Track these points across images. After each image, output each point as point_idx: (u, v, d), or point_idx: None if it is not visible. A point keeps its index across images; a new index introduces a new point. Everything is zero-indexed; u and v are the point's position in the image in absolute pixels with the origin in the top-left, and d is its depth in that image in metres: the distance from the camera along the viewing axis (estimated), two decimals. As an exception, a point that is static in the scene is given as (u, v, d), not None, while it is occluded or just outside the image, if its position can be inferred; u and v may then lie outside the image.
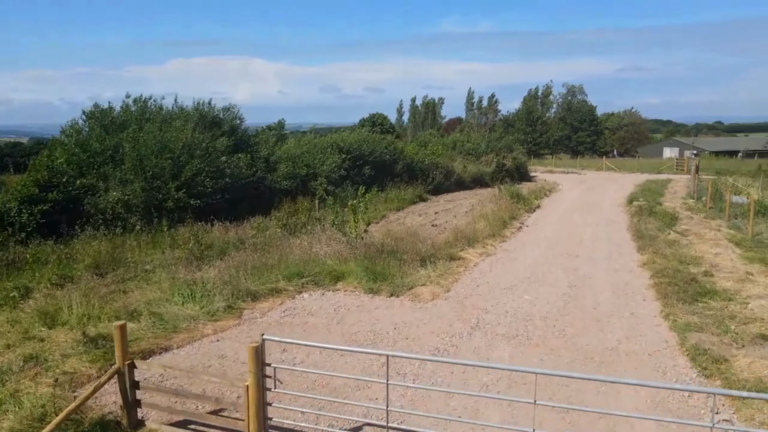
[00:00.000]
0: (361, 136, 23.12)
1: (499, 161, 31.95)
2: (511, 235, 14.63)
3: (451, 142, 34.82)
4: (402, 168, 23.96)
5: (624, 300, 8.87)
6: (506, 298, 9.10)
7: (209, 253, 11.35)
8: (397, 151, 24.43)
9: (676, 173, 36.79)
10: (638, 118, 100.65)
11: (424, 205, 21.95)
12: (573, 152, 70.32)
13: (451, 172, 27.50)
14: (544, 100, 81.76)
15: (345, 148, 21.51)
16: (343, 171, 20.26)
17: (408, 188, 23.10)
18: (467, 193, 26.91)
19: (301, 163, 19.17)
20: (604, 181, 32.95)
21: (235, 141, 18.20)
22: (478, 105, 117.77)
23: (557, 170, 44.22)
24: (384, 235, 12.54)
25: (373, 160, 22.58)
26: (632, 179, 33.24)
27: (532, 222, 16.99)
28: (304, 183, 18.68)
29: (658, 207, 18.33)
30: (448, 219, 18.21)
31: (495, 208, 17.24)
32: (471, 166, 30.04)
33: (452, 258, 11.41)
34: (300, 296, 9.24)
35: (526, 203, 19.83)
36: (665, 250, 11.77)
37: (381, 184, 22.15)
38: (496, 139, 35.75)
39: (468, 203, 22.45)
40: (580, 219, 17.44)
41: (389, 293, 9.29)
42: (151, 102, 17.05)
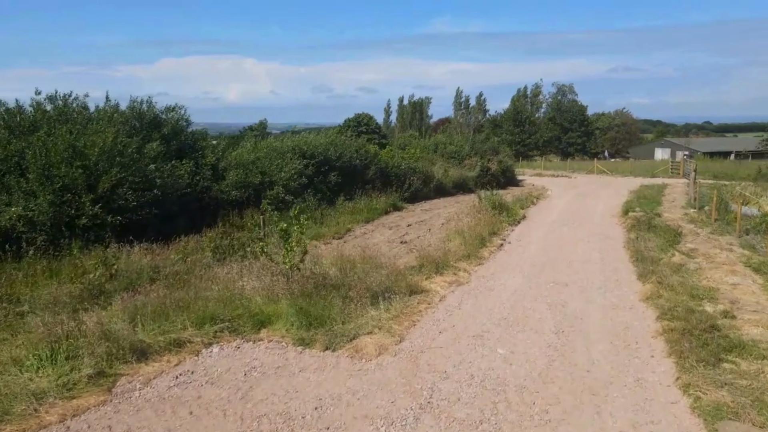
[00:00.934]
0: (327, 138, 21.09)
1: (483, 165, 30.07)
2: (489, 256, 12.67)
3: (432, 144, 32.88)
4: (374, 174, 21.96)
5: (626, 356, 6.92)
6: (474, 352, 7.11)
7: (112, 287, 9.25)
8: (369, 155, 22.43)
9: (671, 177, 35.18)
10: (630, 118, 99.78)
11: (398, 216, 19.95)
12: (563, 154, 68.83)
13: (430, 177, 25.55)
14: (533, 100, 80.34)
15: (308, 152, 19.45)
16: (305, 179, 18.19)
17: (381, 196, 21.11)
18: (448, 200, 24.97)
19: (255, 170, 17.07)
20: (596, 185, 31.21)
21: (178, 145, 16.08)
22: (466, 105, 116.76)
23: (546, 173, 42.52)
24: (334, 261, 10.50)
25: (341, 166, 20.55)
26: (626, 183, 31.53)
27: (515, 238, 15.05)
28: (258, 193, 16.60)
29: (657, 219, 16.50)
30: (421, 233, 16.23)
31: (473, 221, 15.28)
32: (453, 171, 28.12)
33: (413, 291, 9.40)
34: (207, 352, 7.18)
35: (510, 214, 17.91)
36: (671, 278, 9.86)
37: (350, 192, 20.14)
38: (480, 141, 33.88)
39: (446, 213, 20.51)
40: (569, 234, 15.53)
41: (324, 346, 7.27)
42: (73, 100, 14.86)
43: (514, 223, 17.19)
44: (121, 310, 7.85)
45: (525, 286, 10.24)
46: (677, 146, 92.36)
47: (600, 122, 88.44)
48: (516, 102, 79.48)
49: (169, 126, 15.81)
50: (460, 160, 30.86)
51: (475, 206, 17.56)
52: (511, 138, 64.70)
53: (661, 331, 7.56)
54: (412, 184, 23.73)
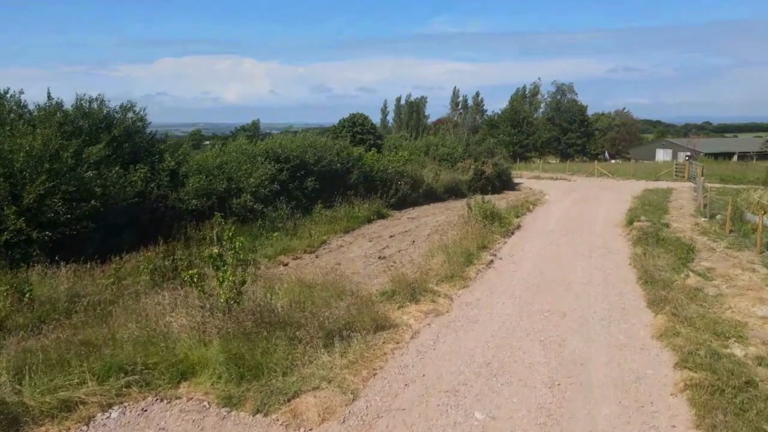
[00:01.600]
0: (305, 140, 19.55)
1: (477, 168, 28.58)
2: (476, 276, 11.16)
3: (423, 145, 31.37)
4: (357, 178, 20.46)
5: (640, 425, 5.42)
6: (445, 418, 5.62)
7: (14, 322, 7.72)
8: (352, 158, 20.91)
9: (676, 180, 33.73)
10: (630, 118, 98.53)
11: (381, 225, 18.44)
12: (562, 155, 67.40)
13: (419, 181, 24.05)
14: (531, 100, 78.99)
15: (283, 155, 17.93)
16: (277, 185, 16.67)
17: (364, 203, 19.61)
18: (438, 206, 23.48)
19: (221, 176, 15.55)
20: (597, 189, 29.74)
21: (132, 149, 14.56)
22: (464, 105, 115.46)
23: (545, 176, 41.08)
24: (290, 287, 8.99)
25: (320, 170, 19.04)
26: (628, 187, 30.07)
27: (507, 252, 13.55)
28: (223, 201, 15.08)
29: (666, 230, 15.02)
30: (403, 246, 14.74)
31: (460, 234, 13.78)
32: (444, 174, 26.63)
33: (380, 326, 7.90)
34: (103, 417, 5.67)
35: (503, 223, 16.41)
36: (688, 307, 8.38)
37: (329, 199, 18.62)
38: (475, 142, 32.38)
39: (434, 222, 19.03)
40: (568, 247, 14.04)
41: (255, 407, 5.78)
42: (11, 98, 13.31)
43: (508, 234, 15.69)
44: (5, 358, 6.33)
45: (515, 317, 8.74)
46: (679, 147, 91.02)
47: (600, 122, 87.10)
48: (514, 102, 78.21)
49: (122, 127, 14.27)
50: (452, 163, 29.38)
51: (464, 216, 16.04)
52: (508, 139, 63.24)
53: (682, 386, 6.06)
54: (399, 190, 22.24)
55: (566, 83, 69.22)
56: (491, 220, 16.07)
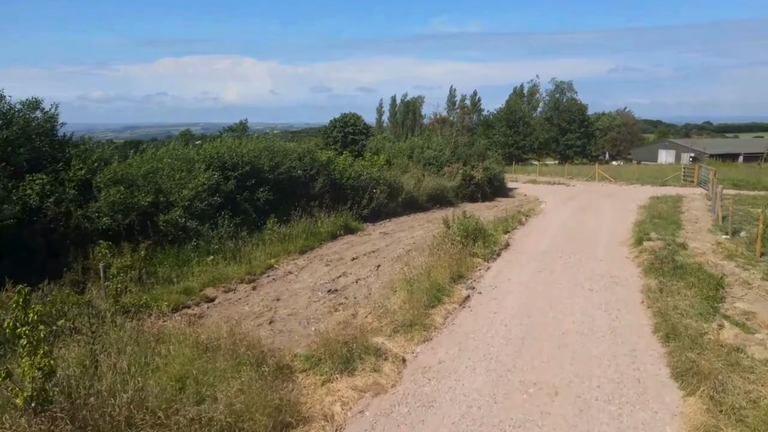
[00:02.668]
0: (258, 144, 17.02)
1: (465, 173, 26.13)
2: (443, 324, 8.72)
3: (407, 148, 28.90)
4: (323, 187, 17.98)
5: None
6: None
7: None
8: (317, 163, 18.43)
9: (684, 185, 31.35)
10: (631, 118, 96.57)
11: (347, 243, 15.98)
12: (561, 157, 65.04)
13: (398, 189, 21.61)
14: (530, 99, 76.72)
15: (230, 162, 15.44)
16: (219, 197, 14.18)
17: (330, 216, 17.15)
18: (419, 217, 21.03)
19: (147, 187, 13.06)
20: (599, 196, 27.33)
21: (31, 154, 12.07)
22: (461, 104, 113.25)
23: (542, 179, 38.71)
24: (176, 354, 6.52)
25: (277, 178, 16.56)
26: (632, 193, 27.68)
27: (488, 283, 11.09)
28: (146, 219, 12.59)
29: (682, 252, 12.58)
30: (364, 273, 12.30)
31: (431, 260, 11.33)
32: (428, 180, 24.19)
33: (282, 425, 5.43)
34: None
35: (487, 242, 13.97)
36: (731, 384, 5.95)
37: (286, 211, 16.14)
38: (464, 144, 29.93)
39: (411, 237, 16.60)
40: (565, 275, 11.60)
41: None
42: None
43: (492, 256, 13.25)
44: None
45: (487, 396, 6.29)
46: (682, 148, 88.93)
47: (600, 122, 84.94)
48: (510, 101, 75.93)
49: (16, 128, 11.77)
50: (438, 167, 26.95)
51: (439, 236, 13.59)
52: (503, 140, 60.82)
53: None
54: (373, 199, 19.77)
55: (565, 81, 66.91)
56: (473, 239, 13.62)
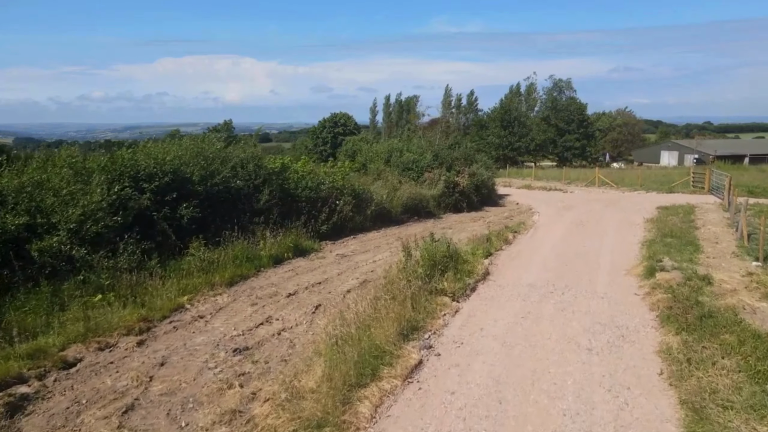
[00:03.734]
0: (182, 147, 14.26)
1: (449, 179, 23.46)
2: (369, 425, 6.00)
3: (385, 151, 26.20)
4: (270, 200, 15.25)
5: None
6: None
7: None
8: (264, 171, 15.70)
9: (694, 192, 28.74)
10: (632, 118, 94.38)
11: (292, 269, 13.27)
12: (559, 159, 62.44)
13: (366, 199, 18.89)
14: (527, 98, 74.22)
15: (145, 171, 12.70)
16: (122, 216, 11.44)
17: (276, 235, 14.47)
18: (390, 233, 18.34)
19: (21, 206, 10.33)
20: (599, 205, 24.69)
21: None
22: (457, 104, 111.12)
23: (537, 184, 36.12)
24: None
25: (210, 190, 13.84)
26: (637, 202, 25.06)
27: (451, 339, 8.41)
28: (16, 247, 9.85)
29: (708, 291, 9.93)
30: (299, 317, 9.65)
31: (377, 307, 8.63)
32: (404, 189, 21.50)
33: None
34: None
35: (460, 272, 11.31)
36: None
37: (220, 230, 13.41)
38: (449, 146, 27.24)
39: (373, 261, 13.96)
40: (556, 327, 8.91)
41: None
42: None
43: (465, 292, 10.56)
44: None
45: None
46: (685, 149, 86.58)
47: (600, 122, 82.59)
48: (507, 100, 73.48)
49: None
50: (419, 173, 24.27)
51: (392, 269, 10.90)
52: (498, 141, 58.09)
53: None
54: (334, 212, 17.07)
55: (563, 79, 64.29)
56: (442, 270, 10.94)
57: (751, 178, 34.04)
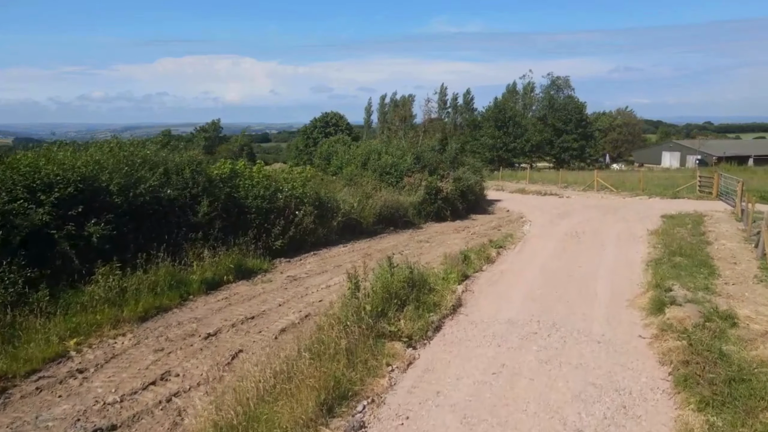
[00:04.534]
0: (102, 151, 12.11)
1: (431, 184, 21.39)
2: None
3: (363, 154, 24.09)
4: (211, 212, 13.14)
5: None
6: None
7: None
8: (203, 178, 13.58)
9: (701, 197, 26.70)
10: (633, 117, 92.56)
11: (226, 297, 11.18)
12: (556, 160, 60.38)
13: (330, 209, 16.81)
14: (524, 97, 72.30)
15: (41, 181, 10.57)
16: (7, 236, 9.31)
17: (217, 254, 12.38)
18: (359, 247, 16.26)
19: None
20: (597, 213, 22.63)
21: None
22: (453, 103, 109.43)
23: (531, 189, 34.08)
24: None
25: (132, 202, 11.72)
26: (639, 209, 23.02)
27: (391, 413, 6.31)
28: None
29: (733, 336, 7.87)
30: (206, 371, 7.55)
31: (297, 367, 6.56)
32: (379, 196, 19.41)
33: None
34: None
35: (422, 307, 9.23)
36: None
37: (144, 250, 11.28)
38: (432, 148, 25.16)
39: (326, 287, 11.88)
40: (535, 393, 6.84)
41: None
42: None
43: (425, 335, 8.47)
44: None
45: None
46: (687, 150, 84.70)
47: (600, 122, 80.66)
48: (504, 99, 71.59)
49: None
50: (398, 177, 22.20)
51: (341, 303, 8.82)
52: (492, 142, 55.96)
53: None
54: (292, 224, 14.99)
55: (561, 77, 62.20)
56: (400, 304, 8.88)
57: (761, 181, 32.02)
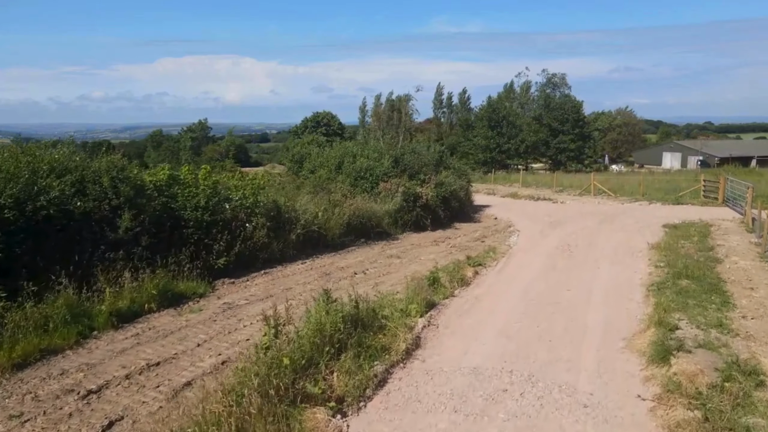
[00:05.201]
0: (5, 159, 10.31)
1: (409, 190, 19.57)
2: None
3: (337, 156, 22.24)
4: (135, 225, 11.27)
5: None
6: None
7: None
8: (128, 185, 11.70)
9: (706, 203, 24.92)
10: (633, 117, 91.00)
11: (138, 334, 9.33)
12: (553, 162, 58.57)
13: (289, 220, 14.97)
14: (522, 96, 70.61)
15: None
16: None
17: (142, 275, 10.54)
18: (320, 264, 14.40)
19: None
20: (593, 221, 20.85)
21: None
22: (448, 103, 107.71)
23: (524, 193, 32.30)
24: None
25: (32, 216, 9.86)
26: (639, 218, 21.23)
27: None
28: None
29: (760, 400, 6.05)
30: None
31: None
32: (351, 204, 17.57)
33: None
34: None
35: (361, 358, 7.42)
36: None
37: (42, 275, 9.42)
38: (411, 151, 23.31)
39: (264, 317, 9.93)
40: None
41: None
42: None
43: (359, 397, 6.63)
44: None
45: None
46: (689, 150, 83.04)
47: (599, 122, 78.98)
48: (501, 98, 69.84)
49: None
50: (374, 182, 20.38)
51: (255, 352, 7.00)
52: (485, 143, 54.03)
53: None
54: (238, 239, 13.15)
55: (558, 74, 60.34)
56: (337, 349, 7.05)
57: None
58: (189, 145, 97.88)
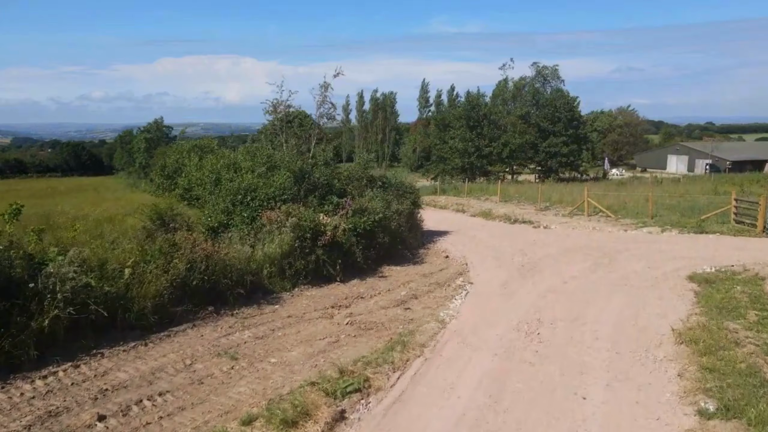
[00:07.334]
0: None
1: (302, 223, 13.40)
2: None
3: (214, 169, 16.00)
4: None
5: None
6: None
7: None
8: None
9: (740, 233, 18.87)
10: (635, 117, 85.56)
11: None
12: (542, 169, 52.44)
13: (35, 294, 8.70)
14: (515, 93, 64.86)
15: None
16: None
17: None
18: (62, 386, 8.14)
19: None
20: (584, 266, 14.76)
21: None
22: (437, 101, 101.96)
23: (499, 211, 26.21)
24: None
25: None
26: (651, 258, 15.15)
27: None
28: None
29: None
30: None
31: None
32: (188, 250, 11.33)
33: None
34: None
35: None
36: None
37: None
38: (327, 160, 17.18)
39: None
40: None
41: None
42: None
43: None
44: None
45: None
46: (696, 153, 77.62)
47: (599, 122, 73.34)
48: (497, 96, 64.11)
49: None
50: (255, 209, 14.17)
51: None
52: (462, 146, 47.59)
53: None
54: None
55: (549, 65, 54.29)
56: None
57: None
58: (143, 147, 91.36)
